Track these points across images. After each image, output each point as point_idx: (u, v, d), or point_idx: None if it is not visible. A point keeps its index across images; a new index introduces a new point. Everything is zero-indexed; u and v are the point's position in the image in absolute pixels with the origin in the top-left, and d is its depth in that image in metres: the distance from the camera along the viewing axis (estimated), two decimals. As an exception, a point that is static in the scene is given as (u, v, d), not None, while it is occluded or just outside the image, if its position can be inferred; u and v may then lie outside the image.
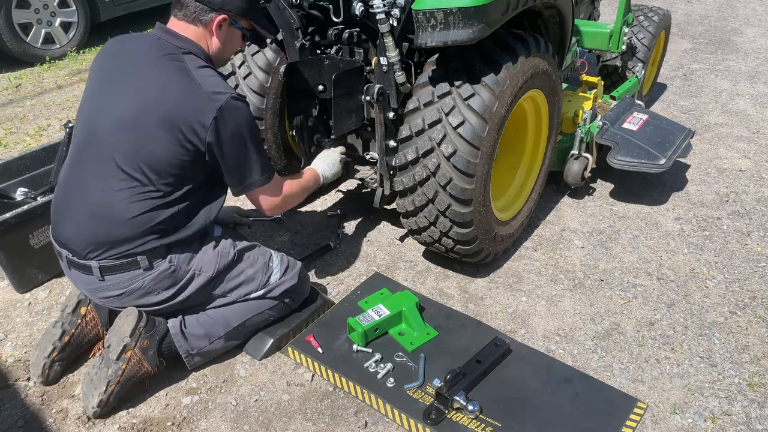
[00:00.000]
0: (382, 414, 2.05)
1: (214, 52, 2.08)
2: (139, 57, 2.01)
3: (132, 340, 2.02)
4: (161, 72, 1.95)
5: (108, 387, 1.98)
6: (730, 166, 3.67)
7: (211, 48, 2.06)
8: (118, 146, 1.93)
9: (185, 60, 1.97)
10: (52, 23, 5.56)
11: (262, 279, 2.23)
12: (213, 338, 2.18)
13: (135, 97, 1.93)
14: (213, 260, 2.12)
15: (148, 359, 2.05)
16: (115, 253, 1.98)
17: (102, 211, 1.97)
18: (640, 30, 4.01)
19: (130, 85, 1.96)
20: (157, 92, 1.92)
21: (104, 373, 1.99)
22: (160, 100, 1.91)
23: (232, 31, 2.07)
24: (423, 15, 2.11)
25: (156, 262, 2.02)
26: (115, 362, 1.99)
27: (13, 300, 2.61)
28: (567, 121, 3.26)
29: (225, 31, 2.05)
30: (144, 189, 1.95)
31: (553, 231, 3.06)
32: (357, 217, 3.17)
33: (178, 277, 2.07)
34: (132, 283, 2.03)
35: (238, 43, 2.16)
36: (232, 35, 2.09)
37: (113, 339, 2.03)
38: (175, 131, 1.90)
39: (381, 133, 2.50)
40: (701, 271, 2.77)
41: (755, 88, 4.82)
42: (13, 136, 4.20)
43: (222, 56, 2.13)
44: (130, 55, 2.04)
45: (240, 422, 2.04)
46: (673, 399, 2.11)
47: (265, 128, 2.81)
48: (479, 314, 2.51)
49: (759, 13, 6.86)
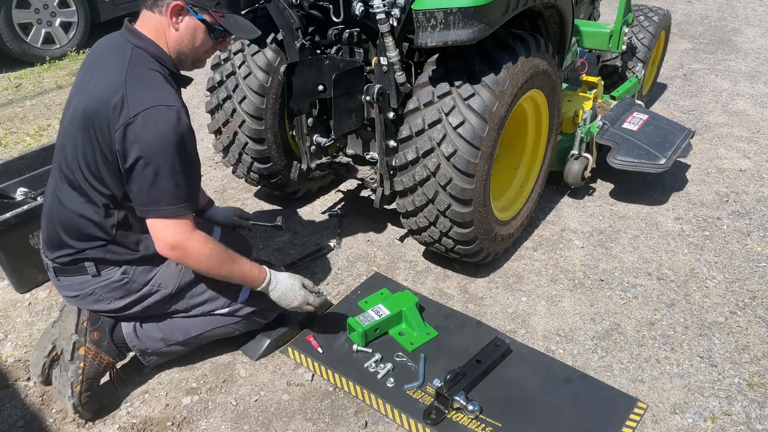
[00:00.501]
0: (382, 414, 2.05)
1: (174, 48, 1.87)
2: (100, 56, 1.92)
3: (80, 336, 1.98)
4: (105, 71, 1.83)
5: (73, 389, 1.93)
6: (730, 166, 3.67)
7: (170, 41, 1.85)
8: (62, 145, 1.89)
9: (131, 57, 1.80)
10: (52, 23, 5.56)
11: (227, 299, 2.10)
12: (170, 342, 2.11)
13: (79, 97, 1.86)
14: (174, 276, 2.02)
15: (105, 350, 2.02)
16: (62, 254, 1.94)
17: (51, 211, 1.95)
18: (640, 30, 4.01)
19: (81, 86, 1.89)
20: (89, 91, 1.82)
21: (65, 378, 1.95)
22: (87, 99, 1.80)
23: (192, 22, 1.84)
24: (423, 15, 2.11)
25: (105, 270, 1.95)
26: (71, 363, 1.95)
27: (13, 300, 2.61)
28: (567, 121, 3.26)
29: (184, 23, 1.83)
30: (81, 192, 1.86)
31: (553, 231, 3.06)
32: (357, 217, 3.17)
33: (132, 289, 1.99)
34: (83, 288, 1.97)
35: (205, 40, 1.89)
36: (192, 28, 1.85)
37: (63, 342, 1.99)
38: (91, 134, 1.78)
39: (381, 133, 2.50)
40: (701, 271, 2.77)
41: (755, 88, 4.82)
42: (13, 136, 4.20)
43: (186, 53, 1.89)
44: (95, 54, 1.96)
45: (240, 422, 2.04)
46: (673, 399, 2.11)
47: (265, 128, 2.81)
48: (479, 314, 2.51)
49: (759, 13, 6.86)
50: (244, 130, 2.81)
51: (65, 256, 1.94)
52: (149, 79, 1.79)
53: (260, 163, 2.92)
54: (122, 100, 1.72)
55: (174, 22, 1.83)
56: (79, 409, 1.96)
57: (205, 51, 1.94)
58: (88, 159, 1.81)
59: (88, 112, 1.78)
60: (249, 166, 2.95)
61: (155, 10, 1.83)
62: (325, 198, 3.36)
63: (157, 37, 1.85)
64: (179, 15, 1.82)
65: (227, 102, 2.82)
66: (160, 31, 1.85)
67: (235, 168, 3.04)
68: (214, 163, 3.70)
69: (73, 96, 1.92)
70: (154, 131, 1.71)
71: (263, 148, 2.86)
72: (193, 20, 1.84)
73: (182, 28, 1.84)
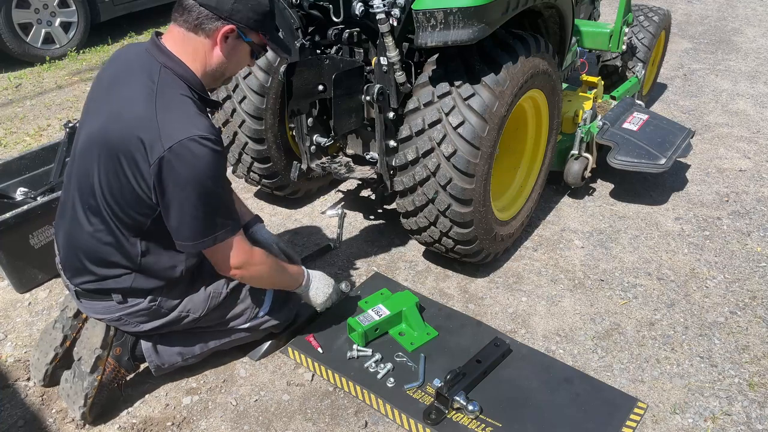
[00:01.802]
0: (382, 414, 2.05)
1: (214, 68, 1.79)
2: (122, 70, 1.79)
3: (104, 351, 1.96)
4: (128, 91, 1.72)
5: (87, 400, 1.93)
6: (730, 166, 3.67)
7: (210, 63, 1.77)
8: (83, 170, 1.78)
9: (159, 80, 1.70)
10: (52, 23, 5.55)
11: (250, 314, 2.14)
12: (187, 356, 2.12)
13: (100, 116, 1.75)
14: (203, 302, 2.01)
15: (123, 365, 2.03)
16: (86, 281, 1.89)
17: (71, 237, 1.88)
18: (640, 30, 4.01)
19: (103, 102, 1.77)
20: (113, 113, 1.70)
21: (80, 386, 1.94)
22: (111, 122, 1.69)
23: (240, 45, 1.78)
24: (423, 15, 2.11)
25: (131, 299, 1.91)
26: (90, 374, 1.94)
27: (13, 300, 2.61)
28: (567, 121, 3.26)
29: (231, 45, 1.76)
30: (103, 219, 1.79)
31: (553, 231, 3.06)
32: (357, 217, 3.17)
33: (161, 314, 1.96)
34: (108, 312, 1.93)
35: (246, 60, 1.85)
36: (239, 50, 1.79)
37: (84, 351, 1.97)
38: (116, 163, 1.68)
39: (381, 133, 2.50)
40: (701, 271, 2.77)
41: (755, 88, 4.82)
42: (13, 136, 4.20)
43: (224, 73, 1.84)
44: (117, 67, 1.82)
45: (240, 422, 2.03)
46: (674, 399, 2.11)
47: (265, 128, 2.81)
48: (479, 314, 2.51)
49: (759, 13, 6.85)
50: (244, 130, 2.81)
51: (88, 282, 1.89)
52: (180, 106, 1.69)
53: (260, 163, 2.92)
54: (154, 131, 1.63)
55: (222, 45, 1.74)
56: (85, 417, 1.97)
57: (240, 69, 1.92)
58: (113, 188, 1.72)
59: (112, 140, 1.68)
60: (249, 166, 2.95)
61: (199, 32, 1.72)
62: (325, 198, 3.36)
63: (194, 58, 1.75)
64: (227, 38, 1.74)
65: (227, 102, 2.82)
66: (199, 53, 1.75)
67: (235, 168, 3.05)
68: (214, 163, 3.69)
69: (92, 113, 1.81)
70: (191, 164, 1.63)
71: (263, 148, 2.86)
72: (240, 42, 1.77)
73: (228, 50, 1.76)
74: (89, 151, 1.76)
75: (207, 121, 1.71)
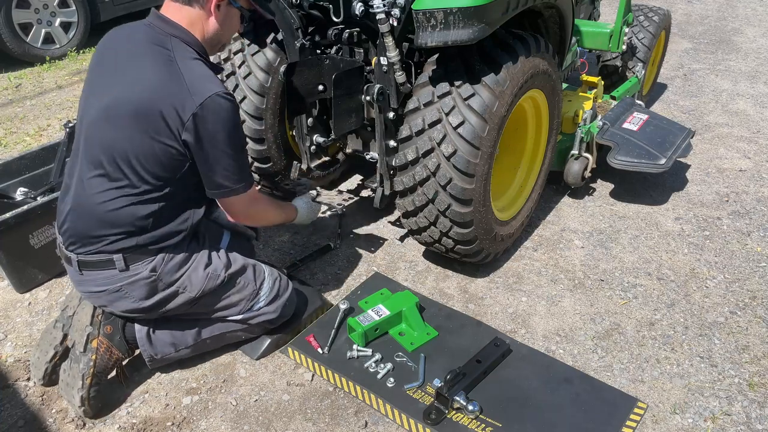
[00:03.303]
0: (382, 414, 2.05)
1: (211, 36, 1.95)
2: (128, 45, 1.90)
3: (94, 328, 1.99)
4: (144, 60, 1.83)
5: (84, 381, 1.95)
6: (730, 166, 3.67)
7: (207, 31, 1.93)
8: (98, 138, 1.86)
9: (173, 47, 1.85)
10: (52, 23, 5.56)
11: (245, 306, 2.15)
12: (180, 347, 2.14)
13: (116, 87, 1.84)
14: (200, 281, 2.03)
15: (116, 345, 2.04)
16: (91, 249, 1.92)
17: (80, 203, 1.91)
18: (640, 30, 4.02)
19: (115, 76, 1.87)
20: (135, 82, 1.81)
21: (76, 369, 1.96)
22: (136, 89, 1.80)
23: (231, 11, 1.95)
24: (423, 15, 2.11)
25: (134, 265, 1.93)
26: (83, 354, 1.96)
27: (13, 300, 2.61)
28: (567, 121, 3.26)
29: (224, 12, 1.93)
30: (118, 184, 1.86)
31: (553, 231, 3.06)
32: (357, 217, 3.17)
33: (158, 288, 1.98)
34: (109, 283, 1.95)
35: (237, 25, 2.03)
36: (231, 16, 1.97)
37: (75, 334, 2.01)
38: (147, 125, 1.78)
39: (381, 133, 2.50)
40: (701, 271, 2.77)
41: (755, 88, 4.82)
42: (13, 136, 4.20)
43: (220, 40, 2.00)
44: (120, 45, 1.93)
45: (240, 422, 2.04)
46: (674, 399, 2.11)
47: (265, 128, 2.81)
48: (479, 314, 2.51)
49: (759, 13, 6.86)
50: (244, 129, 2.81)
51: (94, 250, 1.92)
52: (200, 68, 1.85)
53: (260, 163, 2.92)
54: (184, 90, 1.77)
55: (215, 13, 1.90)
56: (85, 403, 1.97)
57: (234, 34, 2.10)
58: (143, 150, 1.81)
59: (140, 104, 1.78)
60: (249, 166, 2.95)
61: (194, 4, 1.87)
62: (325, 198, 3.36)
63: (193, 29, 1.90)
64: (219, 6, 1.90)
65: (227, 102, 2.81)
66: (196, 24, 1.90)
67: (235, 168, 3.04)
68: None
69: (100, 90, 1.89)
70: (221, 119, 1.80)
71: (263, 148, 2.86)
72: (231, 9, 1.94)
73: (222, 18, 1.92)
74: (107, 121, 1.84)
75: (219, 81, 1.87)
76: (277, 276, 2.25)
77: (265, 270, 2.22)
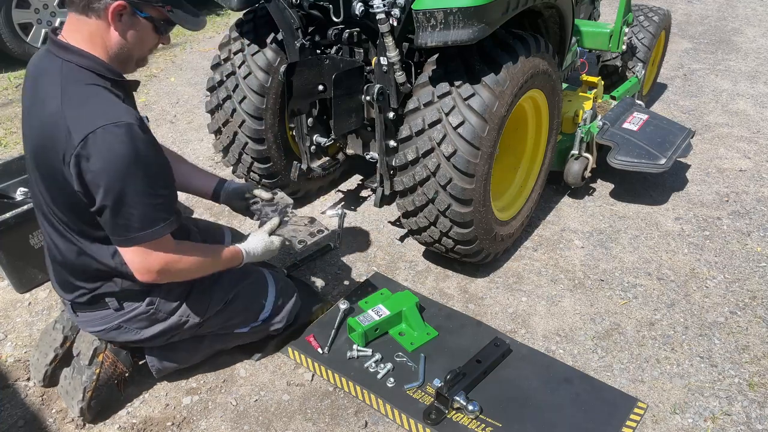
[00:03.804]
0: (382, 414, 2.05)
1: (116, 51, 1.65)
2: (33, 80, 1.71)
3: (101, 342, 1.97)
4: (39, 98, 1.64)
5: (85, 394, 1.93)
6: (730, 166, 3.67)
7: (110, 46, 1.63)
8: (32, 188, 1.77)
9: (63, 77, 1.60)
10: (52, 23, 5.55)
11: (251, 319, 2.15)
12: (189, 361, 2.15)
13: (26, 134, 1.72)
14: (203, 307, 2.00)
15: (122, 360, 2.02)
16: (78, 295, 1.86)
17: (51, 254, 1.86)
18: (640, 30, 4.01)
19: (26, 120, 1.72)
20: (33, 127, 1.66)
21: (78, 381, 1.94)
22: (33, 139, 1.65)
23: (137, 21, 1.63)
24: (423, 15, 2.11)
25: (128, 303, 1.88)
26: (88, 367, 1.94)
27: (13, 300, 2.61)
28: (567, 121, 3.26)
29: (127, 23, 1.61)
30: (65, 233, 1.75)
31: (553, 231, 3.06)
32: (357, 217, 3.17)
33: (159, 318, 1.93)
34: (106, 323, 1.91)
35: (151, 38, 1.70)
36: (138, 28, 1.64)
37: (82, 345, 1.97)
38: (48, 176, 1.64)
39: (381, 133, 2.50)
40: (701, 271, 2.77)
41: (755, 88, 4.82)
42: (13, 136, 4.20)
43: (130, 55, 1.68)
44: (30, 79, 1.74)
45: (240, 422, 2.03)
46: (674, 399, 2.11)
47: (265, 128, 2.81)
48: (479, 314, 2.51)
49: (759, 13, 6.85)
50: (244, 130, 2.81)
51: (81, 295, 1.87)
52: (88, 97, 1.60)
53: (260, 163, 2.92)
54: (64, 129, 1.54)
55: (116, 24, 1.60)
56: (84, 413, 1.97)
57: (150, 48, 1.74)
58: (55, 199, 1.68)
59: (35, 151, 1.65)
60: (249, 166, 2.95)
61: (90, 14, 1.58)
62: (325, 198, 3.36)
63: (92, 43, 1.62)
64: (121, 16, 1.59)
65: (227, 102, 2.82)
66: (96, 37, 1.61)
67: (235, 168, 3.04)
68: (214, 163, 3.70)
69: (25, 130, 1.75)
70: (106, 155, 1.54)
71: (263, 148, 2.86)
72: (137, 19, 1.63)
73: (125, 29, 1.62)
74: (30, 168, 1.74)
75: (120, 108, 1.60)
76: (282, 284, 2.24)
77: (268, 279, 2.20)
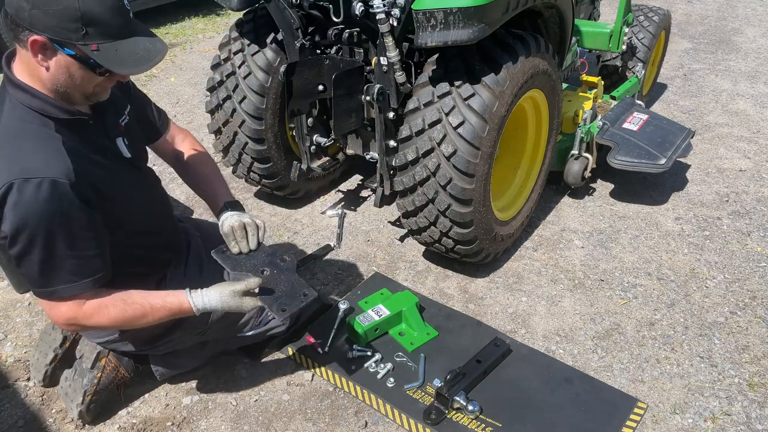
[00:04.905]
0: (382, 414, 2.05)
1: (51, 87, 1.49)
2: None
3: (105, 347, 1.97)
4: None
5: (85, 397, 1.93)
6: (730, 166, 3.67)
7: (45, 81, 1.48)
8: None
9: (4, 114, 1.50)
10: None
11: (253, 323, 2.15)
12: (193, 365, 2.15)
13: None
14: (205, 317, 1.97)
15: (124, 365, 2.02)
16: None
17: None
18: (640, 30, 4.01)
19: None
20: None
21: (79, 383, 1.94)
22: None
23: (63, 59, 1.43)
24: (423, 15, 2.11)
25: None
26: (90, 371, 1.94)
27: (13, 300, 2.61)
28: (567, 121, 3.26)
29: (53, 60, 1.43)
30: None
31: (553, 231, 3.06)
32: (357, 217, 3.17)
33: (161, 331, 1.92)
34: (108, 335, 1.91)
35: (87, 76, 1.48)
36: (66, 66, 1.45)
37: (85, 348, 1.97)
38: None
39: (381, 133, 2.50)
40: (701, 271, 2.77)
41: (755, 88, 4.82)
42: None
43: (69, 92, 1.51)
44: None
45: (240, 422, 2.04)
46: (674, 399, 2.11)
47: (265, 128, 2.81)
48: (479, 314, 2.51)
49: (759, 13, 6.85)
50: (244, 130, 2.81)
51: None
52: (15, 144, 1.47)
53: (260, 163, 2.92)
54: None
55: (40, 59, 1.43)
56: (83, 416, 1.97)
57: (97, 84, 1.53)
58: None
59: None
60: (249, 166, 2.95)
61: (20, 44, 1.44)
62: (325, 198, 3.36)
63: (32, 77, 1.49)
64: (45, 51, 1.42)
65: (227, 102, 2.81)
66: (32, 69, 1.47)
67: (235, 168, 3.04)
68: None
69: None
70: (14, 210, 1.44)
71: (263, 148, 2.86)
72: (63, 56, 1.43)
73: (53, 66, 1.45)
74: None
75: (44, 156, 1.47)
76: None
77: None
